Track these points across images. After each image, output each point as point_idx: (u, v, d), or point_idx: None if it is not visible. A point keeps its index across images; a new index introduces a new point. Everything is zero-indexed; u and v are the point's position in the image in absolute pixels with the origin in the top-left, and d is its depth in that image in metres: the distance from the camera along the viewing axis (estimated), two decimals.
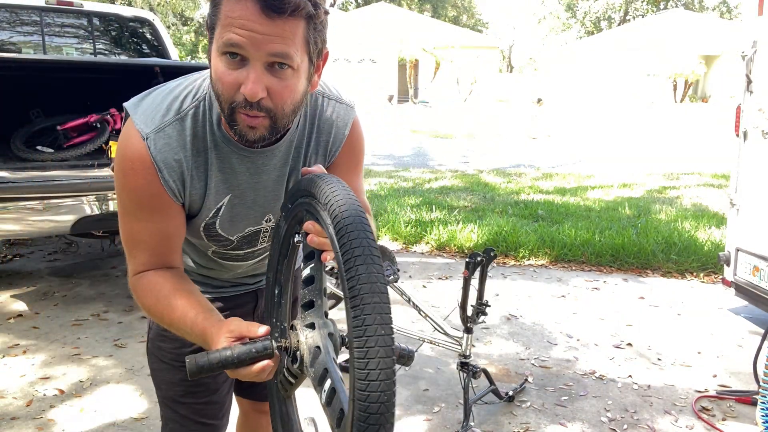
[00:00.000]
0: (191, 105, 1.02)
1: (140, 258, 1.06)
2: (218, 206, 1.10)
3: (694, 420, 2.49)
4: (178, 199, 1.05)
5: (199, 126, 1.03)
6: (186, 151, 1.02)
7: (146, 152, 0.99)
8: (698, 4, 46.24)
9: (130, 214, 1.04)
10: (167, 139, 1.00)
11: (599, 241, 4.78)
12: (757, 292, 3.22)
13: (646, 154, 11.90)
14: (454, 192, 7.31)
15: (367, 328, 0.71)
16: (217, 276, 1.30)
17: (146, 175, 1.00)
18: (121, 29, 5.35)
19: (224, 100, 0.93)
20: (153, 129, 1.00)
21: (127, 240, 1.07)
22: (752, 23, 3.21)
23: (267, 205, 1.15)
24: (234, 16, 0.87)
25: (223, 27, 0.89)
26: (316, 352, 0.87)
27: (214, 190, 1.07)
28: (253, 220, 1.16)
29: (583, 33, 48.29)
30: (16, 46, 4.67)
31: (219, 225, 1.13)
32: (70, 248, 4.89)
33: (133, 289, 1.08)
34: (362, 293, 0.73)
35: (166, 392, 1.32)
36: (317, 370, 0.86)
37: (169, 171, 1.01)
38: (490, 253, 2.34)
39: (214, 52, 0.91)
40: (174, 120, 1.01)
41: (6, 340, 3.14)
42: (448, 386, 2.74)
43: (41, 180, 3.05)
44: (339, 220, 0.78)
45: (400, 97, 27.85)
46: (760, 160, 3.23)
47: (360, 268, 0.74)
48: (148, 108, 1.02)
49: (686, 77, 27.44)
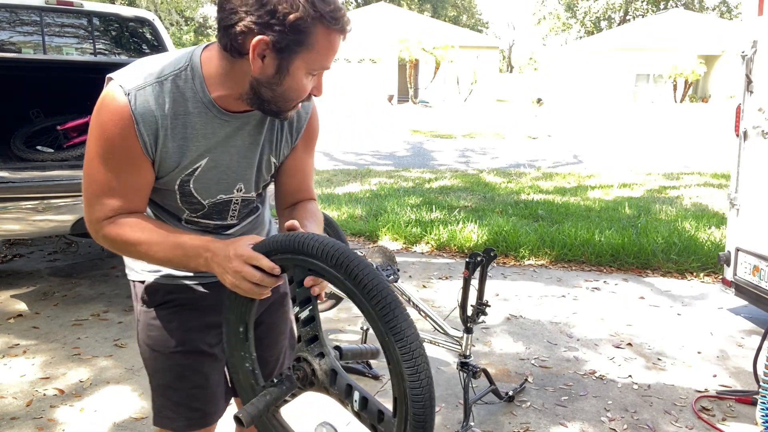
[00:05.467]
0: (171, 72, 1.13)
1: (111, 204, 1.15)
2: (195, 167, 1.19)
3: (694, 420, 2.49)
4: (149, 154, 1.14)
5: (179, 92, 1.13)
6: (163, 111, 1.12)
7: (127, 105, 1.09)
8: (698, 4, 46.24)
9: (102, 162, 1.13)
10: (146, 96, 1.11)
11: (599, 241, 4.78)
12: (757, 292, 3.22)
13: (646, 154, 11.90)
14: (454, 192, 7.31)
15: (413, 352, 0.96)
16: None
17: (123, 126, 1.10)
18: (121, 29, 5.36)
19: (296, 99, 1.13)
20: (134, 87, 1.10)
21: (96, 187, 1.15)
22: (752, 23, 3.21)
23: (239, 171, 1.25)
24: (328, 47, 1.07)
25: (318, 53, 1.07)
26: (332, 375, 1.09)
27: (194, 150, 1.17)
28: (226, 185, 1.25)
29: (583, 33, 48.30)
30: (16, 46, 4.67)
31: (193, 184, 1.21)
32: (70, 248, 4.89)
33: (105, 232, 1.16)
34: (405, 337, 0.96)
35: (158, 380, 1.37)
36: (340, 387, 1.08)
37: (145, 125, 1.11)
38: (490, 253, 2.34)
39: (302, 68, 1.08)
40: (154, 81, 1.12)
41: (6, 340, 3.14)
42: (448, 386, 2.74)
43: (41, 180, 3.05)
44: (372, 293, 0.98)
45: (400, 97, 27.86)
46: (760, 160, 3.23)
47: (395, 310, 0.97)
48: (130, 72, 1.13)
49: (686, 77, 27.44)
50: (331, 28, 1.06)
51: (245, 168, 1.25)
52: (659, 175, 9.01)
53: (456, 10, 47.42)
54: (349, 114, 19.07)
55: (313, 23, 1.03)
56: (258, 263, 1.07)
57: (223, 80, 1.13)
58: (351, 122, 17.35)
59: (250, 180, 1.27)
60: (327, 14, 1.04)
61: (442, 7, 44.86)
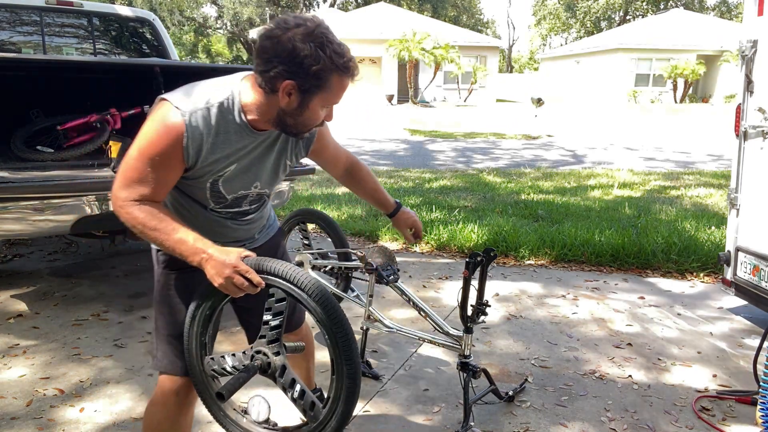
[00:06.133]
0: (217, 100, 1.46)
1: (141, 191, 1.44)
2: (226, 170, 1.53)
3: (694, 420, 2.49)
4: (187, 161, 1.46)
5: (222, 116, 1.46)
6: (209, 131, 1.45)
7: (182, 126, 1.41)
8: (698, 4, 46.22)
9: (146, 159, 1.42)
10: (198, 118, 1.43)
11: (599, 241, 4.78)
12: (757, 292, 3.22)
13: (647, 153, 11.90)
14: (454, 192, 7.31)
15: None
16: (206, 236, 1.58)
17: (175, 140, 1.41)
18: (121, 29, 5.36)
19: (312, 125, 1.50)
20: (190, 110, 1.42)
21: (134, 174, 1.43)
22: (752, 23, 3.21)
23: (258, 173, 1.61)
24: (340, 89, 1.44)
25: (332, 93, 1.43)
26: (282, 369, 1.52)
27: (227, 159, 1.52)
28: (246, 183, 1.60)
29: (583, 33, 48.27)
30: (16, 46, 4.67)
31: (221, 184, 1.56)
32: (70, 248, 4.89)
33: (127, 209, 1.43)
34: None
35: (168, 331, 1.69)
36: (286, 379, 1.51)
37: (193, 141, 1.43)
38: (490, 253, 2.34)
39: (319, 104, 1.44)
40: (204, 107, 1.44)
41: (6, 340, 3.14)
42: (448, 386, 2.74)
43: (41, 180, 3.04)
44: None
45: (400, 97, 27.84)
46: (760, 160, 3.23)
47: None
48: (185, 96, 1.45)
49: (686, 77, 27.42)
50: (343, 75, 1.41)
51: (263, 171, 1.61)
52: (659, 175, 9.01)
53: (456, 10, 47.39)
54: (349, 114, 19.06)
55: (330, 72, 1.38)
56: (249, 276, 1.41)
57: (256, 108, 1.47)
58: (351, 122, 17.34)
59: (265, 179, 1.64)
60: (341, 65, 1.39)
61: (442, 7, 44.81)
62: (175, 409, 1.71)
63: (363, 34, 27.55)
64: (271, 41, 1.37)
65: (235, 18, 38.40)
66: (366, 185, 2.03)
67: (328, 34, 1.38)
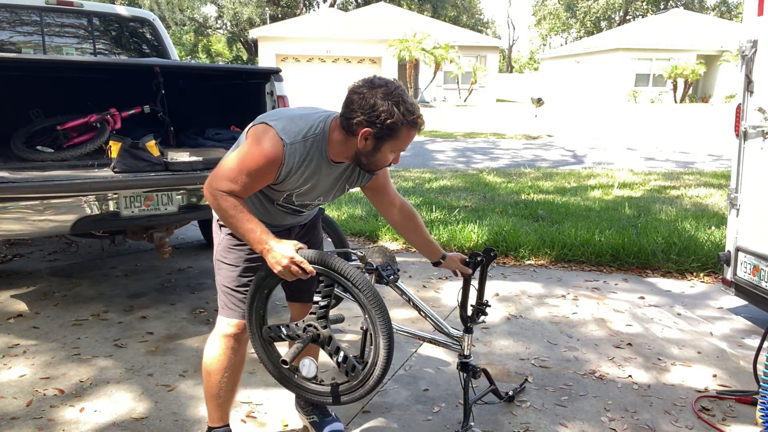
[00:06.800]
0: (311, 134, 1.79)
1: (232, 187, 1.77)
2: (303, 187, 1.88)
3: (694, 420, 2.49)
4: (277, 178, 1.81)
5: (312, 148, 1.80)
6: (301, 160, 1.79)
7: (282, 153, 1.75)
8: (698, 4, 46.21)
9: (245, 168, 1.76)
10: (295, 148, 1.77)
11: (599, 241, 4.78)
12: (757, 292, 3.22)
13: (647, 153, 11.90)
14: (454, 192, 7.31)
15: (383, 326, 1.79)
16: (270, 221, 1.99)
17: (273, 163, 1.76)
18: (121, 29, 5.35)
19: (382, 166, 1.85)
20: (290, 141, 1.76)
21: (231, 174, 1.76)
22: (752, 23, 3.21)
23: (323, 191, 1.96)
24: (407, 139, 1.78)
25: (401, 142, 1.76)
26: (329, 339, 1.86)
27: (306, 179, 1.85)
28: (313, 197, 1.97)
29: (583, 33, 48.27)
30: (16, 46, 4.67)
31: (295, 195, 1.92)
32: (70, 248, 4.89)
33: (216, 197, 1.78)
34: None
35: (228, 284, 2.02)
36: (332, 347, 1.86)
37: (287, 166, 1.78)
38: (490, 253, 2.34)
39: (389, 149, 1.78)
40: (301, 140, 1.78)
41: (6, 340, 3.14)
42: (448, 386, 2.74)
43: (41, 180, 3.04)
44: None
45: None
46: (760, 160, 3.23)
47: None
48: (287, 126, 1.78)
49: (686, 77, 27.42)
50: (412, 128, 1.74)
51: (327, 190, 1.97)
52: (659, 175, 9.01)
53: (456, 10, 47.36)
54: None
55: (401, 125, 1.71)
56: (302, 266, 1.75)
57: (339, 145, 1.81)
58: None
59: (327, 197, 2.00)
60: (411, 120, 1.72)
61: (442, 7, 44.78)
62: (227, 345, 2.04)
63: (363, 34, 27.54)
64: (358, 95, 1.71)
65: (235, 18, 38.38)
66: (420, 234, 2.27)
67: (403, 95, 1.72)
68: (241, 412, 2.49)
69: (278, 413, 2.49)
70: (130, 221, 3.29)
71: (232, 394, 2.14)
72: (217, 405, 2.11)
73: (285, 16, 38.58)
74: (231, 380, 2.08)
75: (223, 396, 2.09)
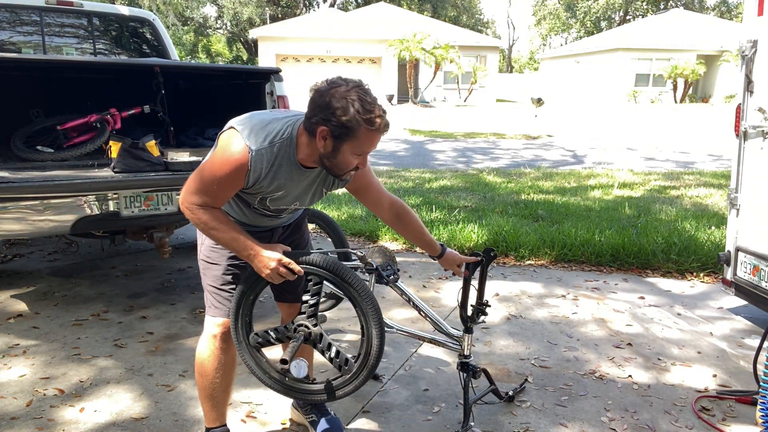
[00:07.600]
0: (278, 140, 1.77)
1: (205, 199, 1.78)
2: (275, 193, 1.86)
3: (694, 420, 2.49)
4: (246, 184, 1.78)
5: (280, 153, 1.77)
6: (269, 165, 1.77)
7: (248, 160, 1.73)
8: (698, 4, 46.21)
9: (214, 177, 1.76)
10: (261, 155, 1.75)
11: (599, 241, 4.78)
12: (757, 292, 3.22)
13: (647, 153, 11.90)
14: (454, 192, 7.31)
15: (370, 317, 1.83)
16: (249, 223, 2.03)
17: (239, 169, 1.74)
18: (121, 29, 5.35)
19: (345, 170, 1.77)
20: (256, 148, 1.74)
21: (202, 186, 1.77)
22: (752, 23, 3.21)
23: (298, 196, 1.94)
24: (367, 141, 1.71)
25: (362, 143, 1.70)
26: (320, 337, 1.89)
27: (277, 185, 1.83)
28: (287, 202, 1.94)
29: (583, 33, 48.27)
30: (16, 46, 4.67)
31: (269, 201, 1.90)
32: (70, 248, 4.88)
33: (193, 212, 1.78)
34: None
35: (213, 282, 2.04)
36: (324, 344, 1.89)
37: (254, 172, 1.76)
38: (490, 253, 2.34)
39: (349, 151, 1.70)
40: (268, 146, 1.75)
41: (6, 340, 3.14)
42: (448, 386, 2.74)
43: (41, 180, 3.04)
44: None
45: (400, 97, 27.83)
46: (760, 160, 3.23)
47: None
48: (253, 132, 1.75)
49: (686, 77, 27.41)
50: (370, 128, 1.67)
51: (304, 196, 1.95)
52: (659, 175, 9.01)
53: (456, 10, 47.34)
54: None
55: (357, 124, 1.64)
56: (290, 267, 1.78)
57: (305, 149, 1.77)
58: None
59: (303, 201, 1.98)
60: (367, 119, 1.65)
61: (442, 7, 44.77)
62: (216, 346, 2.04)
63: (363, 34, 27.53)
64: (318, 94, 1.69)
65: (235, 18, 38.39)
66: (413, 229, 2.22)
67: (362, 94, 1.66)
68: (241, 412, 2.49)
69: (278, 413, 2.49)
70: (130, 221, 3.29)
71: (227, 394, 2.14)
72: (212, 405, 2.12)
73: (285, 16, 38.57)
74: (224, 380, 2.08)
75: (217, 396, 2.10)
